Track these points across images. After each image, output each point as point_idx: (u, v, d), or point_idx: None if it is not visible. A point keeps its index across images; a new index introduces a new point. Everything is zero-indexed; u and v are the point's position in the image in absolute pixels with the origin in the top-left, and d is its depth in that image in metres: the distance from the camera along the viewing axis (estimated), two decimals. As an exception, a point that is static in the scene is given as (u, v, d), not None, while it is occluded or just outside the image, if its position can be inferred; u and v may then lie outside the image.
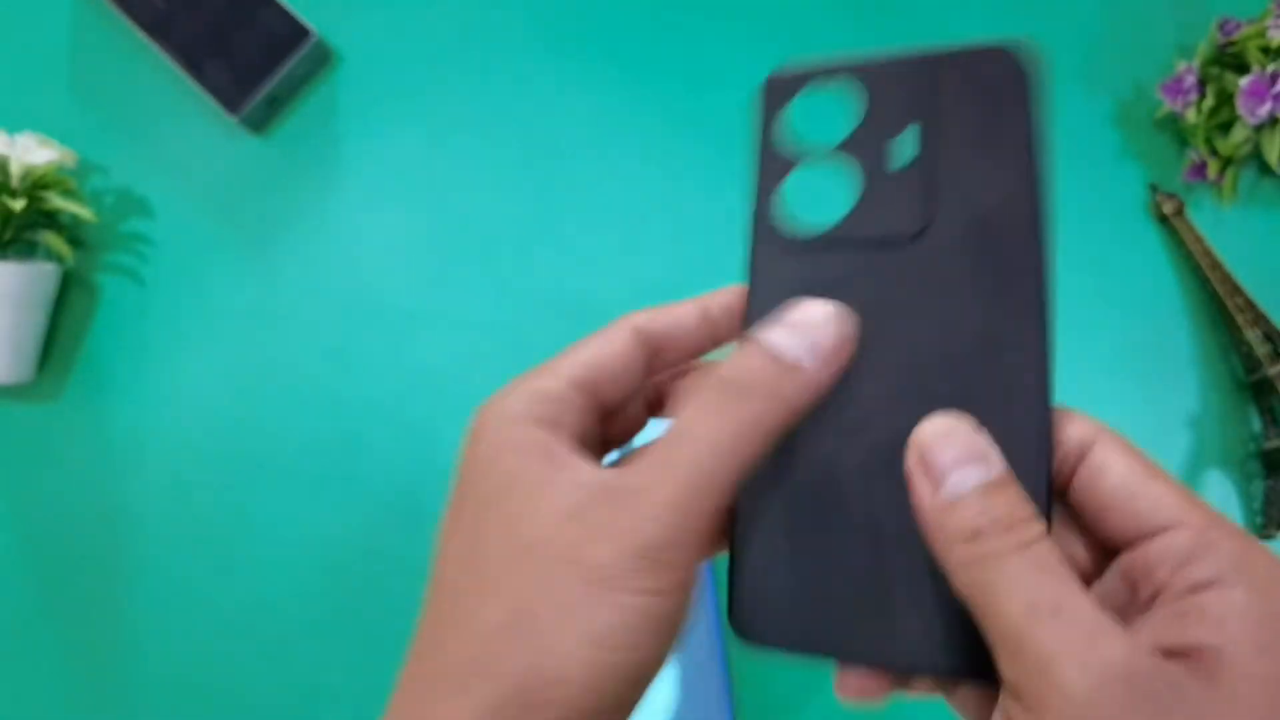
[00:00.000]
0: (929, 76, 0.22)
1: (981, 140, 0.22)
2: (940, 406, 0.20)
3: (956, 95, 0.22)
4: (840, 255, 0.22)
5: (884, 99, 0.22)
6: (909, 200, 0.22)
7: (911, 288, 0.21)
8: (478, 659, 0.19)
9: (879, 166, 0.22)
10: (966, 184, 0.21)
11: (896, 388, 0.21)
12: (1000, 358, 0.21)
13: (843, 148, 0.23)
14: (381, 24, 0.54)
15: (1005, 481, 0.19)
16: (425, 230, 0.52)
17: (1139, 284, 0.51)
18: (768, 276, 0.23)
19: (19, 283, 0.49)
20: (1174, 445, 0.50)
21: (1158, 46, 0.52)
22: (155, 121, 0.54)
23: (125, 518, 0.51)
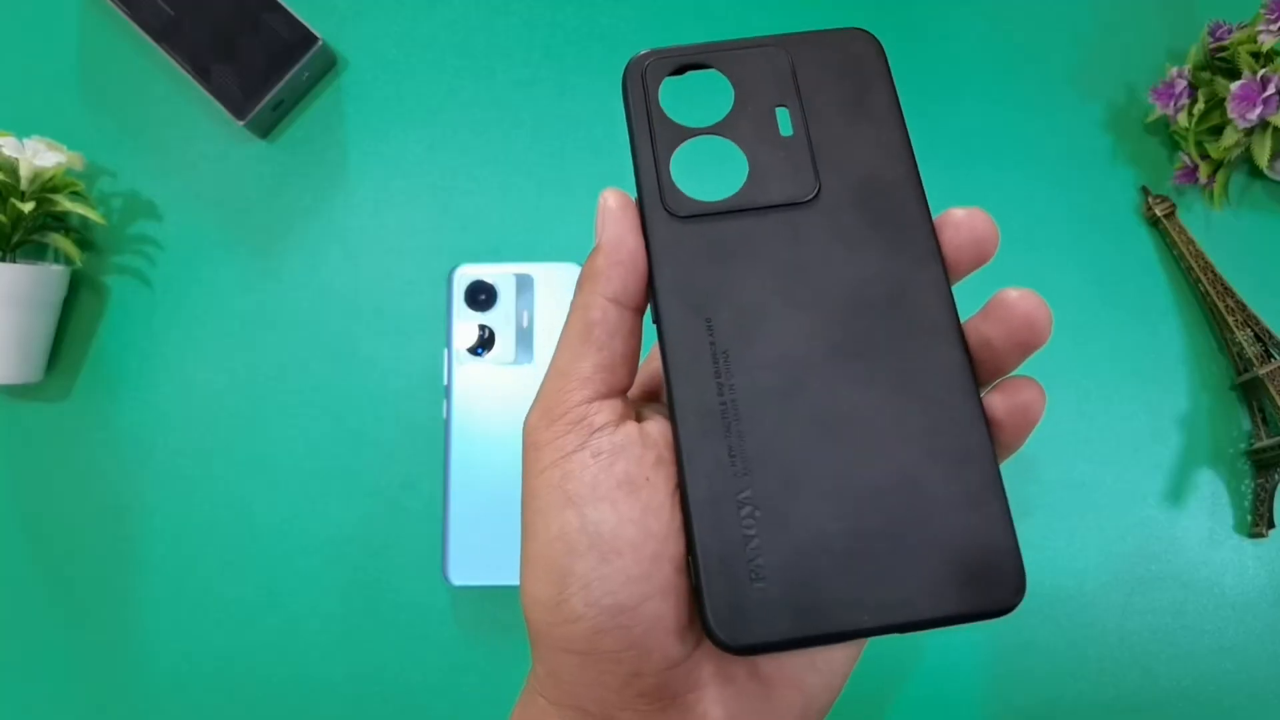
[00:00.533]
0: (788, 57, 0.24)
1: (851, 108, 0.23)
2: (866, 356, 0.21)
3: (820, 71, 0.24)
4: (740, 223, 0.23)
5: (749, 80, 0.24)
6: (797, 169, 0.23)
7: (815, 247, 0.22)
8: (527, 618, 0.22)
9: (761, 139, 0.23)
10: (846, 148, 0.23)
11: (821, 346, 0.22)
12: (911, 300, 0.22)
13: (724, 126, 0.24)
14: (386, 30, 0.54)
15: None
16: (429, 232, 0.53)
17: (1131, 285, 0.51)
18: (669, 253, 0.23)
19: (29, 284, 0.49)
20: (1166, 444, 0.50)
21: (1149, 51, 0.53)
22: (163, 126, 0.54)
23: (133, 516, 0.52)
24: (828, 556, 0.20)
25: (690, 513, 0.21)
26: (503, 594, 0.50)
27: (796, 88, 0.24)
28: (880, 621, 0.20)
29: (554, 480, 0.21)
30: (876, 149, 0.23)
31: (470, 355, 0.50)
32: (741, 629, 0.20)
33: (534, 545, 0.21)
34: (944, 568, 0.20)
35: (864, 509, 0.21)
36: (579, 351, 0.22)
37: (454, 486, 0.49)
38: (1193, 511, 0.50)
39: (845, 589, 0.20)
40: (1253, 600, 0.49)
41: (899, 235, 0.22)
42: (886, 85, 0.24)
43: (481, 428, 0.49)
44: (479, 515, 0.49)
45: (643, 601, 0.20)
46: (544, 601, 0.21)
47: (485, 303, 0.50)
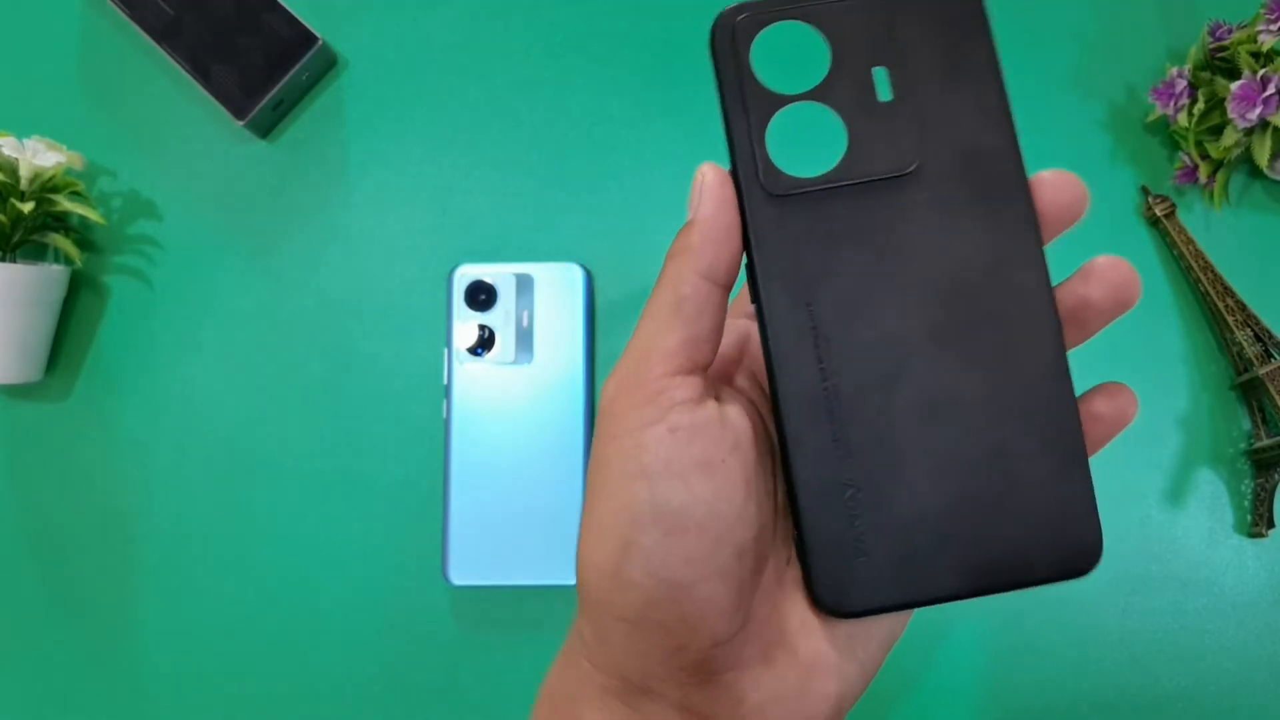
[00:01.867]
0: (886, 12, 0.23)
1: (951, 72, 0.23)
2: (964, 337, 0.22)
3: (919, 26, 0.23)
4: (840, 200, 0.22)
5: (847, 41, 0.23)
6: (897, 139, 0.22)
7: (915, 224, 0.22)
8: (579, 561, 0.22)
9: (858, 107, 0.22)
10: (947, 116, 0.22)
11: (920, 328, 0.22)
12: (1008, 278, 0.22)
13: (818, 91, 0.22)
14: (387, 30, 0.54)
15: None
16: (429, 233, 0.53)
17: (1131, 285, 0.51)
18: (770, 236, 0.22)
19: (28, 284, 0.49)
20: (1165, 444, 0.50)
21: (1149, 51, 0.53)
22: (163, 126, 0.54)
23: (133, 515, 0.52)
24: (926, 530, 0.22)
25: (797, 496, 0.22)
26: (503, 594, 0.50)
27: (895, 45, 0.22)
28: (974, 586, 0.22)
29: (628, 449, 0.21)
30: (976, 114, 0.22)
31: (470, 355, 0.50)
32: (848, 597, 0.22)
33: (598, 511, 0.21)
34: (1031, 536, 0.21)
35: (959, 485, 0.22)
36: (667, 324, 0.22)
37: (454, 486, 0.49)
38: (1193, 511, 0.50)
39: (942, 559, 0.21)
40: (1253, 600, 0.49)
41: (998, 209, 0.22)
42: (985, 42, 0.23)
43: (482, 428, 0.49)
44: (479, 515, 0.49)
45: (698, 581, 0.21)
46: (601, 567, 0.21)
47: (485, 303, 0.50)
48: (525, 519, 0.48)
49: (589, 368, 0.50)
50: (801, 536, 0.22)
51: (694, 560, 0.21)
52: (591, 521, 0.22)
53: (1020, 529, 0.22)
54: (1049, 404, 0.22)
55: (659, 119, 0.53)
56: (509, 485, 0.49)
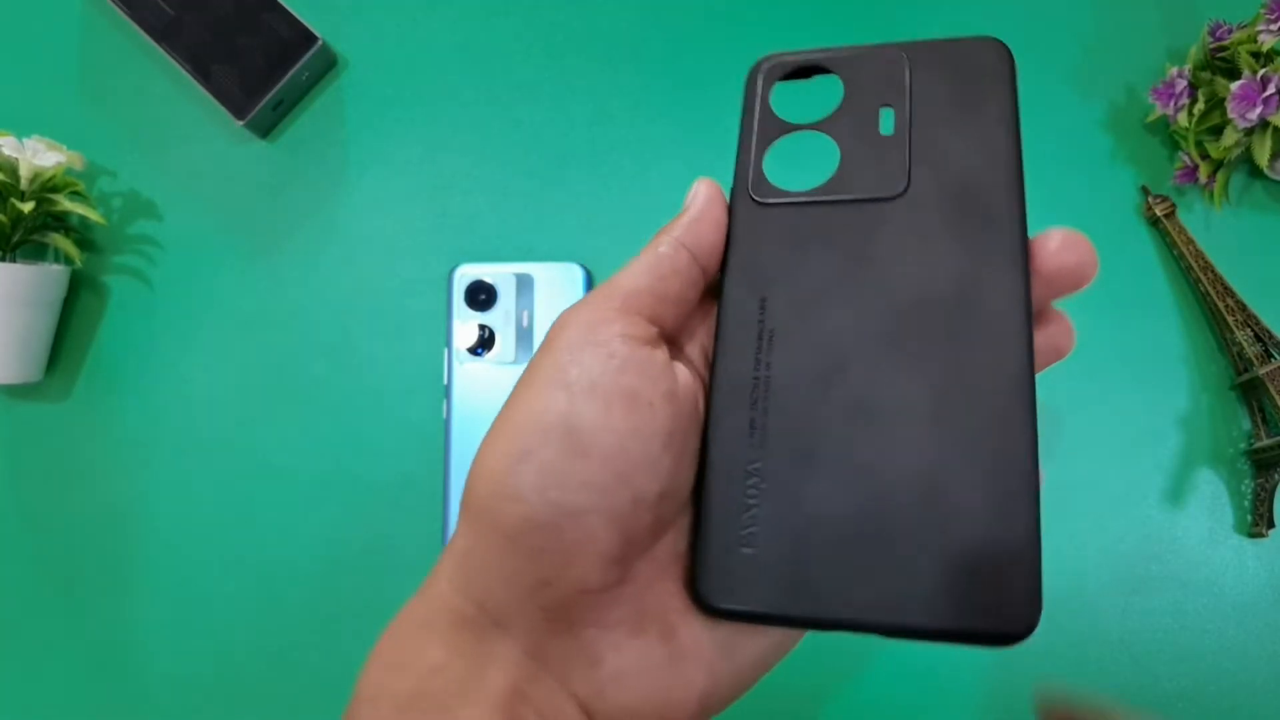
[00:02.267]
0: (909, 60, 0.24)
1: (963, 114, 0.23)
2: (917, 351, 0.21)
3: (939, 76, 0.23)
4: (818, 213, 0.23)
5: (862, 81, 0.24)
6: (888, 164, 0.23)
7: (887, 241, 0.22)
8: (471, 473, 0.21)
9: (857, 136, 0.24)
10: (947, 151, 0.23)
11: (871, 337, 0.21)
12: (981, 303, 0.21)
13: (826, 123, 0.24)
14: (386, 30, 0.54)
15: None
16: (429, 233, 0.53)
17: (1130, 285, 0.51)
18: (745, 232, 0.23)
19: (29, 284, 0.50)
20: (1165, 444, 0.50)
21: (1149, 51, 0.53)
22: (163, 126, 0.54)
23: (133, 515, 0.52)
24: (825, 540, 0.20)
25: (702, 471, 0.22)
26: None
27: (908, 89, 0.24)
28: (865, 619, 0.19)
29: (559, 362, 0.21)
30: (978, 154, 0.23)
31: (470, 355, 0.50)
32: (720, 591, 0.20)
33: (508, 415, 0.21)
34: (950, 575, 0.19)
35: (877, 500, 0.20)
36: (636, 272, 0.23)
37: (454, 486, 0.49)
38: (1193, 511, 0.50)
39: (837, 576, 0.20)
40: (1253, 600, 0.49)
41: (982, 238, 0.22)
42: (1007, 94, 0.23)
43: (482, 428, 0.49)
44: (479, 515, 0.49)
45: (586, 513, 0.20)
46: (493, 471, 0.20)
47: (485, 303, 0.50)
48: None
49: (589, 368, 0.50)
50: (695, 518, 0.21)
51: (588, 487, 0.20)
52: (498, 425, 0.21)
53: (937, 565, 0.19)
54: (1004, 435, 0.20)
55: (659, 119, 0.53)
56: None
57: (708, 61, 0.54)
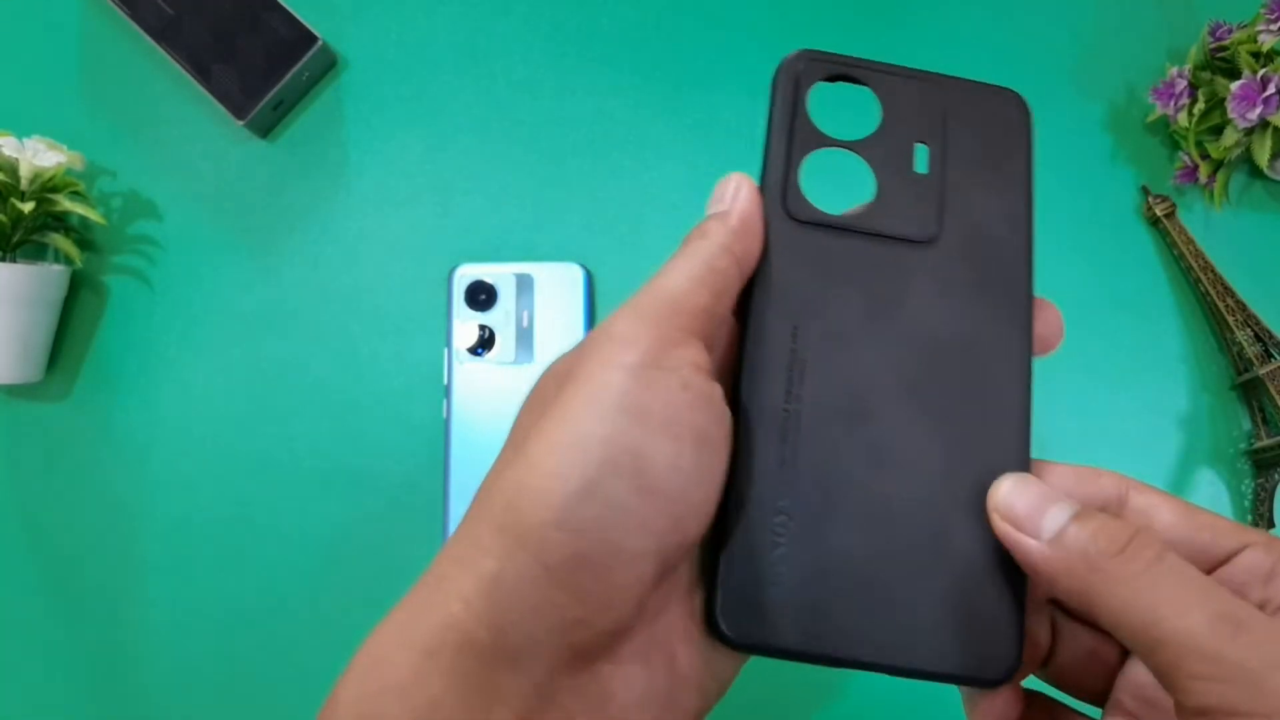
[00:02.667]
0: (943, 97, 0.24)
1: (988, 166, 0.24)
2: (935, 404, 0.22)
3: (968, 121, 0.24)
4: (852, 243, 0.23)
5: (901, 108, 0.24)
6: (923, 207, 0.23)
7: (917, 289, 0.23)
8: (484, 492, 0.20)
9: (896, 171, 0.24)
10: (974, 203, 0.23)
11: (895, 384, 0.22)
12: (992, 365, 0.22)
13: (862, 145, 0.24)
14: (386, 30, 0.54)
15: (1089, 510, 0.20)
16: (429, 233, 0.53)
17: (1131, 285, 0.51)
18: (778, 251, 0.23)
19: (29, 284, 0.49)
20: (1166, 444, 0.50)
21: (1149, 51, 0.53)
22: (163, 125, 0.54)
23: (133, 516, 0.52)
24: (845, 583, 0.21)
25: (728, 505, 0.21)
26: (503, 594, 0.50)
27: (943, 130, 0.24)
28: (876, 659, 0.21)
29: (630, 384, 0.19)
30: (1002, 213, 0.23)
31: (470, 355, 0.50)
32: (745, 627, 0.20)
33: (563, 430, 0.19)
34: (948, 624, 0.21)
35: (893, 547, 0.21)
36: (697, 286, 0.21)
37: (454, 486, 0.49)
38: (1193, 511, 0.50)
39: (854, 617, 0.21)
40: (1253, 600, 0.49)
41: (997, 300, 0.23)
42: (1026, 153, 0.24)
43: (482, 427, 0.49)
44: (479, 515, 0.49)
45: (640, 556, 0.19)
46: (548, 496, 0.18)
47: (485, 302, 0.50)
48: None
49: (589, 368, 0.50)
50: (718, 550, 0.21)
51: (646, 532, 0.19)
52: (550, 439, 0.19)
53: (939, 615, 0.21)
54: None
55: (659, 119, 0.53)
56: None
57: (708, 61, 0.54)
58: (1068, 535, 0.19)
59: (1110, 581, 0.19)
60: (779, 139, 0.24)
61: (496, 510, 0.19)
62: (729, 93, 0.53)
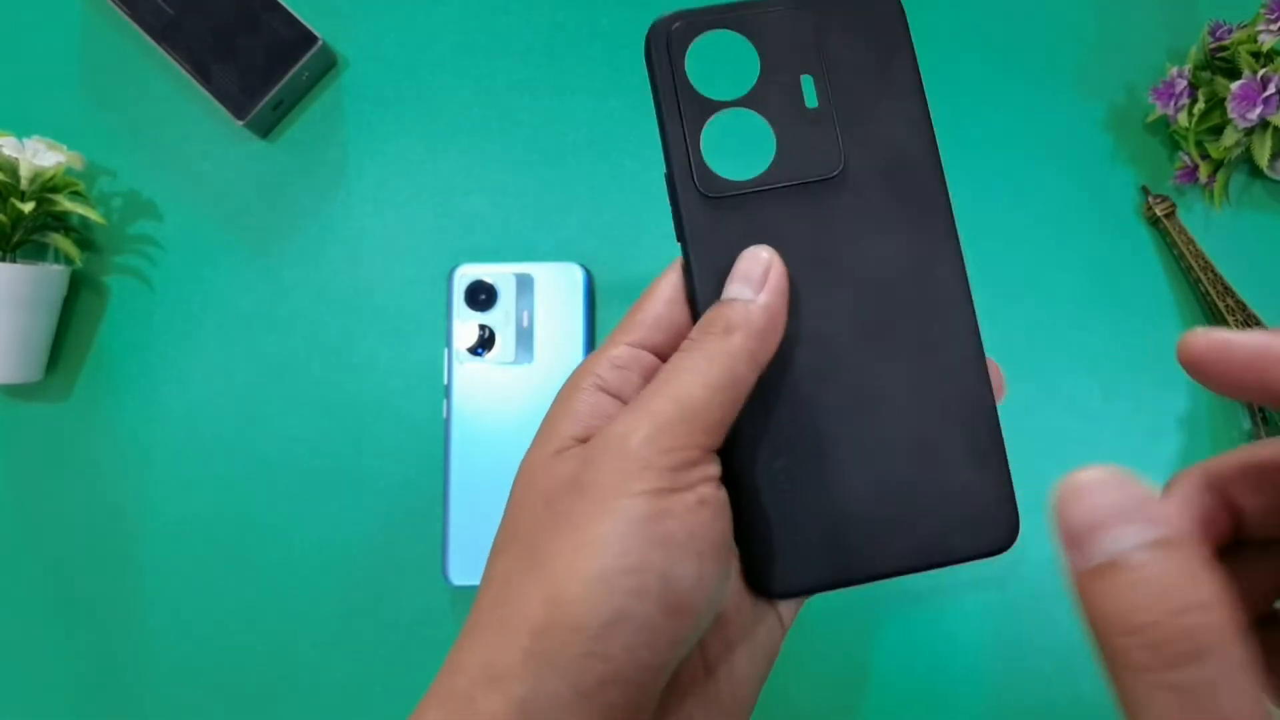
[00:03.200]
0: (814, 21, 0.24)
1: (875, 79, 0.24)
2: (886, 330, 0.23)
3: (844, 39, 0.24)
4: (770, 203, 0.23)
5: (776, 49, 0.24)
6: (823, 144, 0.23)
7: (840, 225, 0.23)
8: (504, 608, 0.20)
9: (786, 113, 0.23)
10: (870, 122, 0.23)
11: (846, 323, 0.23)
12: (930, 276, 0.23)
13: (749, 98, 0.24)
14: (386, 30, 0.54)
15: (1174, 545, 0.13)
16: (429, 233, 0.53)
17: (1131, 285, 0.51)
18: (704, 235, 0.23)
19: (29, 284, 0.50)
20: (1165, 444, 0.50)
21: (1149, 51, 0.53)
22: (163, 126, 0.54)
23: (133, 515, 0.52)
24: (853, 513, 0.22)
25: (734, 472, 0.22)
26: (503, 594, 0.50)
27: (821, 54, 0.23)
28: (895, 567, 0.22)
29: (650, 510, 0.19)
30: (898, 121, 0.23)
31: (470, 355, 0.50)
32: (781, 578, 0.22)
33: (596, 562, 0.19)
34: (952, 517, 0.23)
35: (884, 470, 0.23)
36: (716, 397, 0.21)
37: (454, 486, 0.49)
38: (1193, 511, 0.50)
39: (869, 540, 0.22)
40: (1253, 600, 0.49)
41: (919, 211, 0.23)
42: (907, 51, 0.24)
43: (482, 427, 0.49)
44: (479, 515, 0.49)
45: (669, 665, 0.19)
46: (583, 625, 0.19)
47: (485, 303, 0.50)
48: (525, 519, 0.48)
49: (589, 368, 0.50)
50: (740, 523, 0.22)
51: (675, 646, 0.19)
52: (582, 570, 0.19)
53: (941, 512, 0.22)
54: (967, 397, 0.23)
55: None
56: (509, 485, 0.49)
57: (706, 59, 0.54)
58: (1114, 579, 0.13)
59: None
60: (671, 117, 0.24)
61: (524, 635, 0.19)
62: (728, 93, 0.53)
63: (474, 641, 0.21)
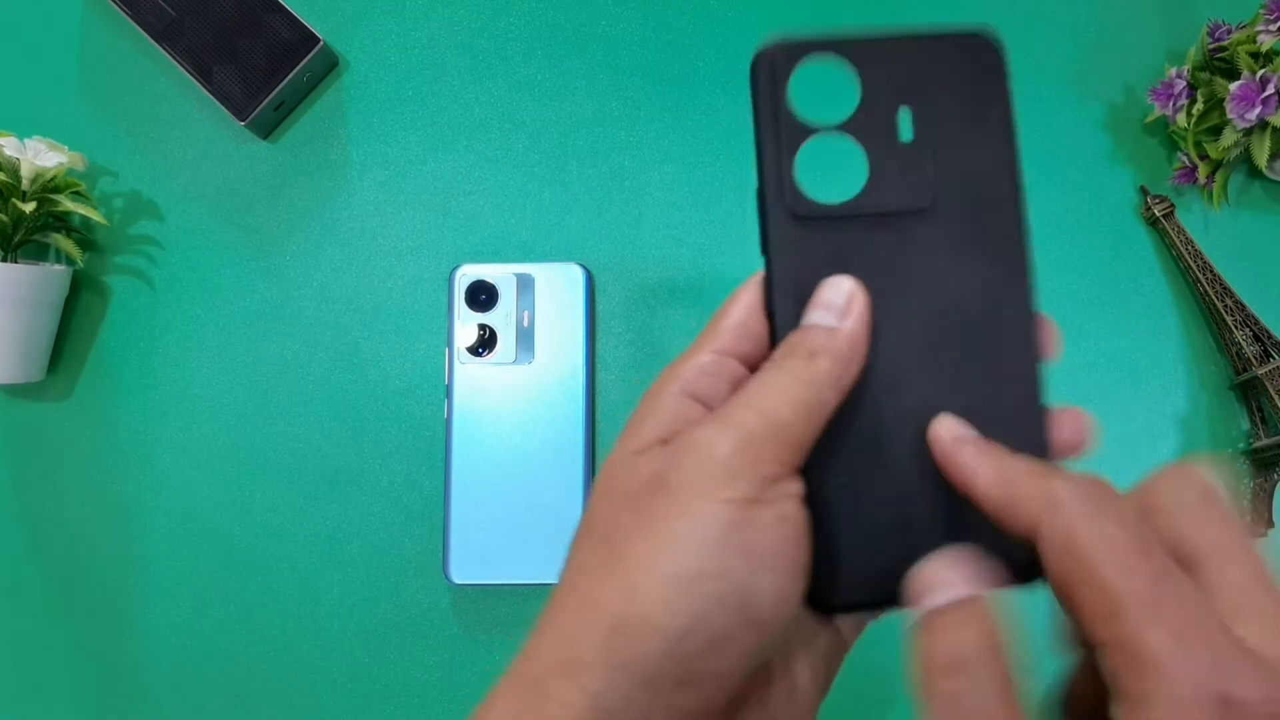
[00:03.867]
0: (919, 57, 0.24)
1: (971, 120, 0.24)
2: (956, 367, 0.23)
3: (946, 76, 0.24)
4: (855, 228, 0.24)
5: (878, 78, 0.24)
6: (916, 176, 0.24)
7: (922, 258, 0.24)
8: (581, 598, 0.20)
9: (882, 143, 0.24)
10: (962, 161, 0.24)
11: (923, 352, 0.23)
12: (1002, 318, 0.24)
13: (847, 125, 0.24)
14: (388, 31, 0.55)
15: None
16: (430, 233, 0.53)
17: (1129, 286, 0.51)
18: (788, 253, 0.24)
19: (30, 285, 0.50)
20: (1164, 444, 0.50)
21: (1148, 51, 0.53)
22: (164, 126, 0.54)
23: (134, 515, 0.52)
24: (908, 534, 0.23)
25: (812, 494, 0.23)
26: (504, 592, 0.50)
27: (921, 89, 0.24)
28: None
29: (734, 519, 0.20)
30: (989, 163, 0.24)
31: (471, 355, 0.50)
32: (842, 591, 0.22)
33: (677, 564, 0.19)
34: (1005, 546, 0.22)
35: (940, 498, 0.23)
36: (805, 417, 0.21)
37: (455, 485, 0.49)
38: (1191, 511, 0.50)
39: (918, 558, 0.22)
40: (1251, 599, 0.49)
41: (999, 253, 0.24)
42: (1004, 97, 0.24)
43: (483, 427, 0.49)
44: (480, 514, 0.49)
45: (740, 676, 0.20)
46: (661, 628, 0.19)
47: (486, 303, 0.50)
48: (526, 518, 0.49)
49: (589, 368, 0.50)
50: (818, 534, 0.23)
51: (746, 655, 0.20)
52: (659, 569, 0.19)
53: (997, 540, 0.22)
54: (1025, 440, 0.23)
55: (659, 119, 0.53)
56: (510, 485, 0.49)
57: (708, 62, 0.54)
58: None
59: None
60: (768, 138, 0.24)
61: (600, 628, 0.19)
62: (729, 93, 0.53)
63: (551, 628, 0.21)
